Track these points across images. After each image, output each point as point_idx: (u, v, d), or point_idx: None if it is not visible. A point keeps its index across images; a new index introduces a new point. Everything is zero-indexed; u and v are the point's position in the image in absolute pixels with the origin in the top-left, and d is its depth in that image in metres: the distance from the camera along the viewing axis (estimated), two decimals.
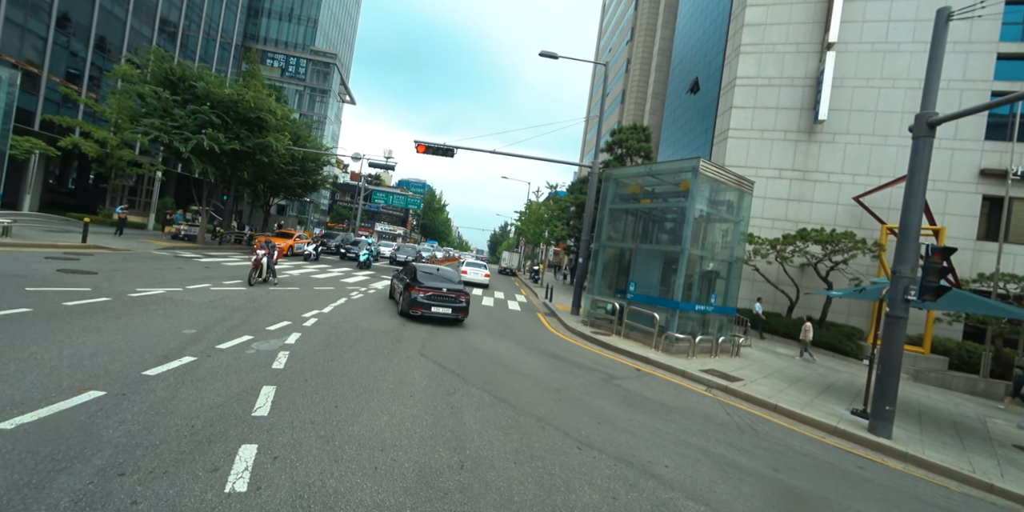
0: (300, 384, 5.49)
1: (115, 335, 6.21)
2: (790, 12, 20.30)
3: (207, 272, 13.69)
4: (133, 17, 33.03)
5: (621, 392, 7.83)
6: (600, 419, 6.16)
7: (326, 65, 56.70)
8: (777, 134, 20.24)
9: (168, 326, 7.07)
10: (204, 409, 4.36)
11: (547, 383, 7.53)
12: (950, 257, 7.64)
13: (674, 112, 31.92)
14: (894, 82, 18.82)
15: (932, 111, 7.63)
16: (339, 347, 7.53)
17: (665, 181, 13.94)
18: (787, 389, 10.16)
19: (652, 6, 43.20)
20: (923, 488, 6.02)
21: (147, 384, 4.73)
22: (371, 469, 3.77)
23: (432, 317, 10.96)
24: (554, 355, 9.95)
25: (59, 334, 5.89)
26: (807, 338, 15.46)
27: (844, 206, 19.20)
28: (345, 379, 5.96)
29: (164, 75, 19.68)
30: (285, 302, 10.74)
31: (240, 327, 7.73)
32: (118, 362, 5.21)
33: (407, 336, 9.26)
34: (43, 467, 3.06)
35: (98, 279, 9.95)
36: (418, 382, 6.36)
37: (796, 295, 18.62)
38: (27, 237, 14.92)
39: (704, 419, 7.18)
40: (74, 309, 7.22)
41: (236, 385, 5.11)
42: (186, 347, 6.18)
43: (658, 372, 10.14)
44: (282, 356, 6.45)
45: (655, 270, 13.52)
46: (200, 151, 19.40)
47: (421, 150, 16.62)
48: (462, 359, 8.12)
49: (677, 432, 6.24)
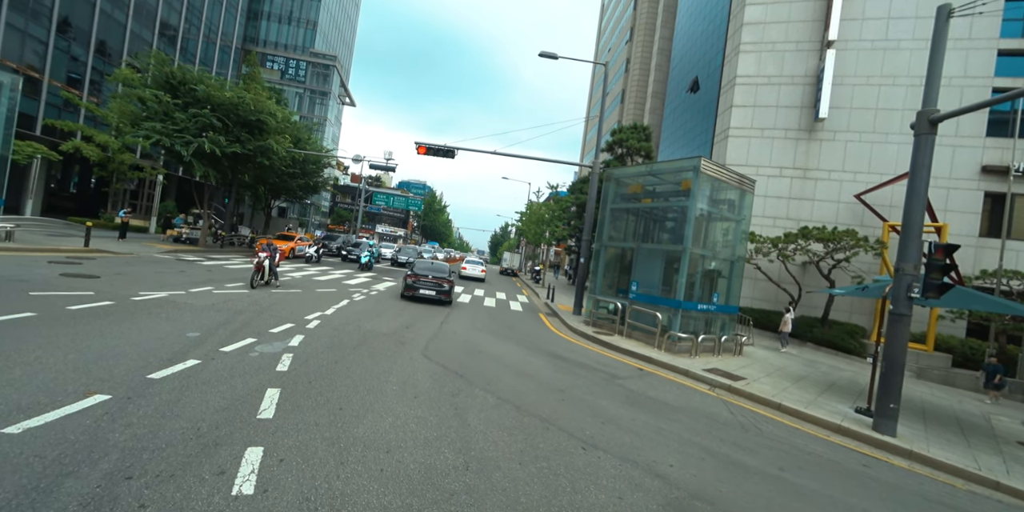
0: (304, 386, 5.50)
1: (119, 339, 6.22)
2: (789, 10, 20.28)
3: (209, 275, 13.71)
4: (133, 21, 33.08)
5: (624, 392, 7.83)
6: (604, 419, 6.15)
7: (326, 67, 56.78)
8: (778, 132, 20.22)
9: (171, 329, 7.09)
10: (209, 412, 4.36)
11: (551, 384, 7.53)
12: (953, 254, 7.61)
13: (674, 111, 31.91)
14: (894, 79, 18.79)
15: (934, 108, 7.62)
16: (342, 349, 7.54)
17: (666, 180, 13.94)
18: (790, 388, 10.15)
19: (651, 6, 43.20)
20: (928, 486, 6.01)
21: (152, 387, 4.74)
22: (377, 471, 3.78)
23: (423, 298, 14.53)
24: (557, 355, 9.94)
25: (63, 338, 5.90)
26: (785, 329, 15.62)
27: (845, 204, 19.17)
28: (349, 381, 5.96)
29: (165, 79, 19.73)
30: (288, 304, 10.75)
31: (243, 330, 7.74)
32: (123, 366, 5.22)
33: (410, 338, 9.26)
34: (51, 471, 3.07)
35: (101, 283, 9.97)
36: (422, 384, 6.36)
37: (798, 293, 18.60)
38: (30, 241, 14.95)
39: (708, 418, 7.17)
40: (78, 313, 7.23)
41: (241, 388, 5.11)
42: (190, 350, 6.19)
43: (661, 372, 10.14)
44: (286, 358, 6.46)
45: (657, 269, 13.51)
46: (201, 154, 19.44)
47: (422, 151, 16.64)
48: (465, 361, 8.12)
49: (681, 431, 6.24)
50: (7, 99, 13.72)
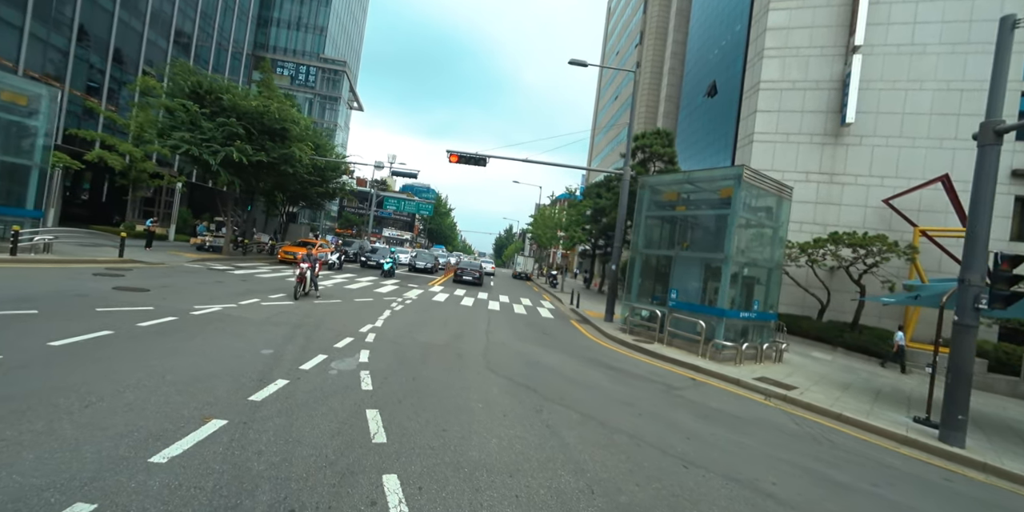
0: (397, 406, 5.50)
1: (200, 357, 6.24)
2: (813, 15, 20.32)
3: (247, 285, 13.74)
4: (150, 29, 33.28)
5: (686, 403, 7.83)
6: (686, 434, 6.15)
7: (335, 73, 57.02)
8: (803, 137, 20.23)
9: (243, 346, 7.10)
10: (325, 437, 4.37)
11: (615, 396, 7.54)
12: (1020, 265, 7.61)
13: (689, 115, 31.94)
14: (921, 84, 18.79)
15: (999, 119, 7.63)
16: (411, 364, 7.54)
17: (703, 188, 13.94)
18: (842, 397, 10.12)
19: (661, 11, 43.29)
20: (1018, 502, 5.99)
21: (260, 411, 4.75)
22: (513, 497, 3.78)
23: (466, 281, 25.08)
24: (608, 365, 9.94)
25: (150, 358, 5.92)
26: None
27: (873, 208, 19.16)
28: (435, 399, 5.97)
29: (191, 88, 19.83)
30: (337, 317, 10.77)
31: (310, 346, 7.75)
32: (221, 388, 5.24)
33: (466, 350, 9.27)
34: (218, 503, 3.08)
35: (153, 297, 10.00)
36: (502, 399, 6.36)
37: (827, 298, 18.58)
38: (66, 252, 15.01)
39: (777, 430, 7.17)
40: (149, 330, 7.26)
41: (340, 410, 5.12)
42: (272, 369, 6.20)
43: (712, 381, 10.13)
44: (364, 376, 6.46)
45: (695, 277, 13.50)
46: (228, 163, 19.51)
47: (454, 160, 16.68)
48: (527, 373, 8.13)
49: (760, 445, 6.24)
50: (47, 111, 13.79)
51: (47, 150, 13.75)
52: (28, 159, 13.57)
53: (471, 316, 14.15)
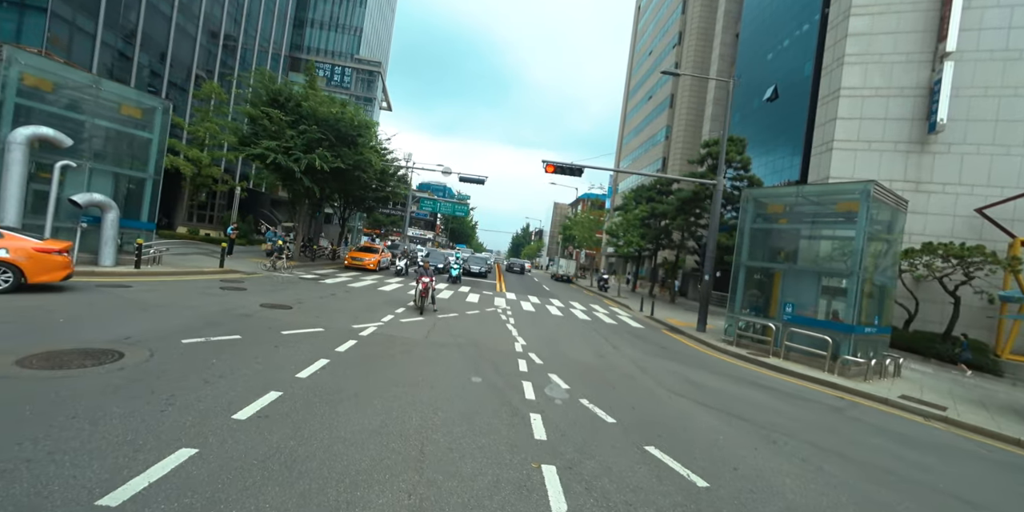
0: (657, 440, 5.49)
1: (434, 391, 6.11)
2: (897, 21, 19.99)
3: (355, 298, 13.86)
4: (202, 34, 33.52)
5: (867, 427, 7.83)
6: (904, 462, 6.23)
7: (369, 73, 57.10)
8: (886, 145, 19.95)
9: (452, 374, 7.12)
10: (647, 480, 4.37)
11: (789, 415, 7.71)
12: None
13: (744, 119, 31.63)
14: (1016, 90, 18.44)
15: None
16: (601, 388, 7.55)
17: (812, 201, 13.81)
18: (995, 416, 9.99)
19: (703, 11, 42.81)
20: None
21: (574, 454, 4.74)
22: None
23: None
24: (754, 383, 9.91)
25: (406, 396, 5.86)
26: None
27: (962, 217, 18.88)
28: (661, 427, 6.01)
29: (271, 95, 19.95)
30: (481, 334, 10.77)
31: (502, 372, 7.64)
32: (502, 431, 5.08)
33: (616, 364, 9.64)
34: None
35: (305, 315, 10.05)
36: (730, 431, 6.30)
37: (915, 308, 18.37)
38: (173, 263, 15.17)
39: (979, 460, 7.15)
40: (357, 356, 7.31)
41: (621, 443, 5.17)
42: (508, 401, 6.17)
43: (860, 400, 10.05)
44: (592, 406, 6.42)
45: (809, 291, 13.39)
46: (309, 170, 19.62)
47: (550, 170, 16.64)
48: (700, 395, 8.08)
49: (984, 476, 6.42)
50: (161, 123, 13.92)
51: (159, 163, 13.87)
52: (143, 171, 13.71)
53: (576, 328, 14.26)
